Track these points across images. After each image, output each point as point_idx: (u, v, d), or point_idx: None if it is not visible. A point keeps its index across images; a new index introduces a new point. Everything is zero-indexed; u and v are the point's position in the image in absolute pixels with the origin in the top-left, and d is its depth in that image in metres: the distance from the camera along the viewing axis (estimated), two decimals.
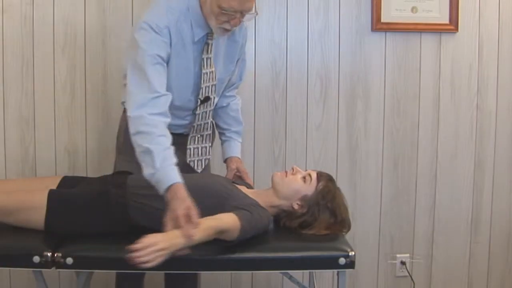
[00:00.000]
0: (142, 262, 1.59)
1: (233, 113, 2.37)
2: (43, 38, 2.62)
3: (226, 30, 2.04)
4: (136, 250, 1.59)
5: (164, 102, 1.93)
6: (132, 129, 1.89)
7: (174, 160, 1.85)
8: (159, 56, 1.95)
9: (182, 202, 1.75)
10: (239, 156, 2.35)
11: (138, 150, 1.87)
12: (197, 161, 2.27)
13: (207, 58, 2.12)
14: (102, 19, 2.64)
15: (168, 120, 1.93)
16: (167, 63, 2.01)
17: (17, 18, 2.60)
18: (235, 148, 2.35)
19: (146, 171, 1.83)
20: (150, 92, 1.91)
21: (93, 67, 2.66)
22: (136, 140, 1.87)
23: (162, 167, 1.81)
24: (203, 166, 2.28)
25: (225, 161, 2.34)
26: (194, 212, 1.74)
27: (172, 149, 1.87)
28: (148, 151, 1.83)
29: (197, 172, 2.24)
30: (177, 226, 1.71)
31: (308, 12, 2.76)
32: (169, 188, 1.78)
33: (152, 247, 1.60)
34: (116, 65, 2.60)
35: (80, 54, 2.65)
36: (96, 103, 2.69)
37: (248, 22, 2.11)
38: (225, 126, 2.36)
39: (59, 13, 2.62)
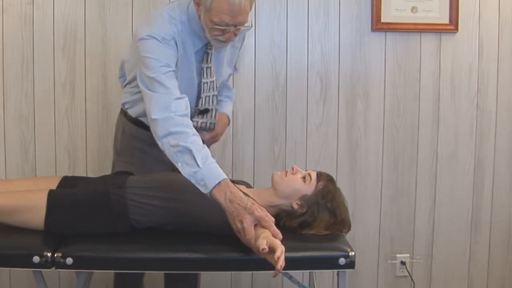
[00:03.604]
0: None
1: (224, 87, 2.35)
2: (43, 38, 2.63)
3: (222, 42, 2.03)
4: (279, 263, 1.62)
5: (186, 105, 1.92)
6: (160, 131, 1.86)
7: (213, 158, 1.83)
8: (169, 65, 1.95)
9: (246, 202, 1.75)
10: (229, 114, 2.34)
11: (172, 151, 1.83)
12: None
13: (206, 68, 2.12)
14: (102, 19, 2.65)
15: (192, 123, 1.92)
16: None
17: (17, 18, 2.61)
18: (226, 107, 2.33)
19: (186, 170, 1.80)
20: (171, 94, 1.90)
21: (93, 67, 2.67)
22: (169, 141, 1.83)
23: (205, 164, 1.79)
24: None
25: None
26: (264, 210, 1.77)
27: (207, 148, 1.86)
28: (186, 150, 1.80)
29: None
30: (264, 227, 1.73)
31: (308, 12, 2.76)
32: (217, 185, 1.77)
33: (282, 251, 1.64)
34: (116, 65, 2.59)
35: (80, 54, 2.66)
36: (96, 103, 2.69)
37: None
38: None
39: (59, 13, 2.62)
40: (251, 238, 1.72)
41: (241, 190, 1.98)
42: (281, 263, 1.62)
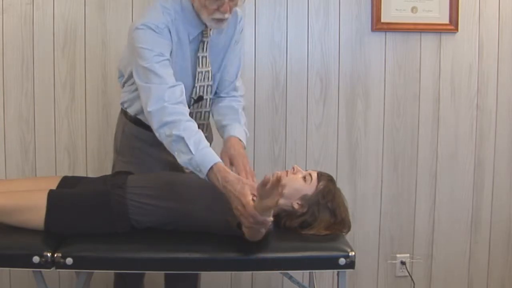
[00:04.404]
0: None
1: (229, 109, 2.20)
2: (43, 38, 2.63)
3: (220, 20, 2.01)
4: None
5: (181, 92, 1.93)
6: (155, 123, 1.87)
7: (207, 142, 1.84)
8: (163, 54, 1.95)
9: (236, 186, 1.74)
10: (241, 138, 2.08)
11: (168, 140, 1.84)
12: None
13: (202, 57, 2.11)
14: (102, 19, 2.65)
15: (188, 109, 1.92)
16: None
17: (17, 18, 2.61)
18: (235, 129, 2.11)
19: (182, 158, 1.82)
20: (165, 84, 1.91)
21: (93, 67, 2.67)
22: (164, 132, 1.85)
23: (198, 150, 1.80)
24: None
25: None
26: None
27: (201, 132, 1.86)
28: (179, 138, 1.81)
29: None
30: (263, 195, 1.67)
31: (308, 12, 2.76)
32: (210, 170, 1.78)
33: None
34: (116, 65, 2.59)
35: (80, 54, 2.66)
36: (96, 103, 2.69)
37: (239, 7, 2.08)
38: (219, 117, 2.18)
39: (59, 13, 2.62)
40: (251, 222, 1.70)
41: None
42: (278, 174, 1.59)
